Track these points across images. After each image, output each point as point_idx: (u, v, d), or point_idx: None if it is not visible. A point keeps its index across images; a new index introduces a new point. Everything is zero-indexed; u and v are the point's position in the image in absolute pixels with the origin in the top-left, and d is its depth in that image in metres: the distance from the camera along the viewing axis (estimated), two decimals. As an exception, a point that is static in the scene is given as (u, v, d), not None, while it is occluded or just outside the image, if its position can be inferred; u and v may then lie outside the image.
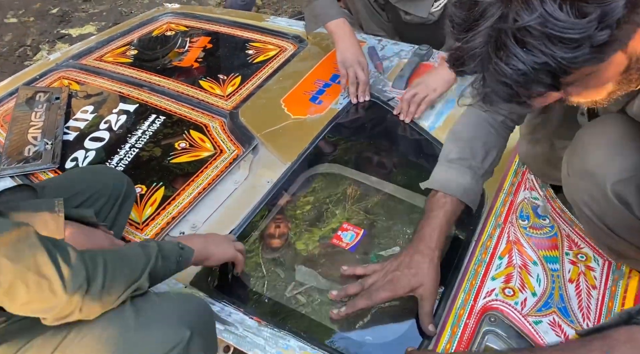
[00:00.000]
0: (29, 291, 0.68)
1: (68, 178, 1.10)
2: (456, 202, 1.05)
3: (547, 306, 0.99)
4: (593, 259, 1.09)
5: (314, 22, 1.56)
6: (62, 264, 0.70)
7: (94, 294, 0.73)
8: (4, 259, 0.66)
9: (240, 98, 1.56)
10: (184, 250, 0.91)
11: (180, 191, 1.25)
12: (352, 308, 0.98)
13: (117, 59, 1.78)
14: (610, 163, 0.90)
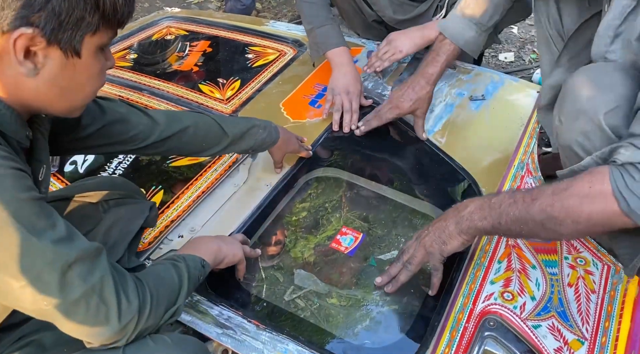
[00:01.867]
0: (87, 312, 0.67)
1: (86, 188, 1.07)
2: (459, 49, 1.35)
3: (546, 310, 0.99)
4: (592, 263, 1.09)
5: (315, 49, 1.55)
6: (122, 293, 0.70)
7: (142, 323, 0.73)
8: (76, 276, 0.66)
9: (240, 102, 1.56)
10: (204, 268, 0.91)
11: (179, 195, 1.25)
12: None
13: (117, 63, 1.78)
14: (600, 96, 0.92)
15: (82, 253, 0.67)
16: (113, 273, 0.70)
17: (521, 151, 1.36)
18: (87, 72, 0.69)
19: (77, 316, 0.67)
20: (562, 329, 0.96)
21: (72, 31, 0.63)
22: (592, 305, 1.01)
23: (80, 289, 0.66)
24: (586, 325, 0.97)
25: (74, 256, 0.66)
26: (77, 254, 0.66)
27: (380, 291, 1.07)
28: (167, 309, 0.78)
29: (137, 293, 0.73)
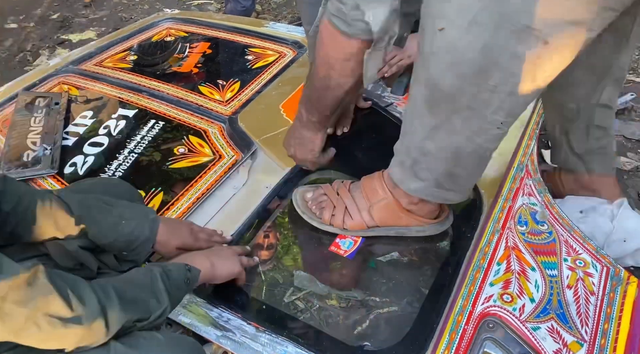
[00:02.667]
0: (40, 331, 0.68)
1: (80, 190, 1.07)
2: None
3: (545, 312, 0.99)
4: (591, 265, 1.09)
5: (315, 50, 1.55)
6: (73, 299, 0.71)
7: (114, 319, 0.73)
8: (13, 304, 0.66)
9: (240, 103, 1.56)
10: (191, 272, 0.91)
11: (179, 196, 1.25)
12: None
13: (117, 65, 1.78)
14: None
15: (13, 283, 0.67)
16: (57, 284, 0.70)
17: (520, 153, 1.36)
18: None
19: (32, 337, 0.69)
20: (561, 331, 0.96)
21: None
22: (591, 307, 1.01)
23: (21, 316, 0.67)
24: (585, 327, 0.97)
25: (5, 289, 0.66)
26: (8, 285, 0.66)
27: (380, 293, 1.07)
28: (146, 307, 0.78)
29: (95, 293, 0.73)
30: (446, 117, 0.92)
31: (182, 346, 0.80)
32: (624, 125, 1.86)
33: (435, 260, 1.15)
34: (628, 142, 1.81)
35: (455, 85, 0.87)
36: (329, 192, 1.20)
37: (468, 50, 0.82)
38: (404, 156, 1.05)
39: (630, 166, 1.70)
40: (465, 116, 0.90)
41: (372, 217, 1.15)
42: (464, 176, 1.03)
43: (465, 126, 0.92)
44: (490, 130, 0.92)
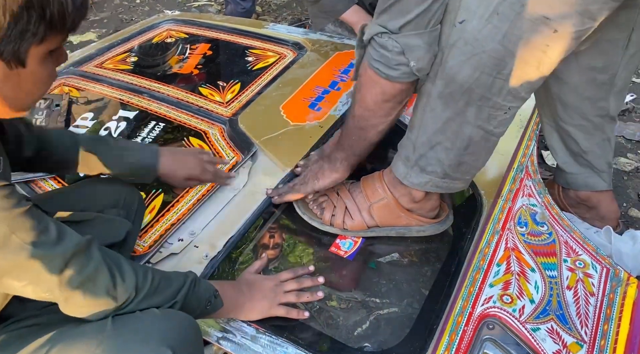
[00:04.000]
0: (84, 299, 0.73)
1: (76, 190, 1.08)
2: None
3: (545, 313, 0.99)
4: (591, 266, 1.09)
5: (323, 17, 1.56)
6: (117, 276, 0.75)
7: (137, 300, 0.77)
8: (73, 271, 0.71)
9: (240, 105, 1.56)
10: (216, 299, 0.90)
11: (179, 198, 1.25)
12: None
13: (117, 66, 1.79)
14: None
15: (75, 249, 0.72)
16: (106, 259, 0.75)
17: (520, 153, 1.36)
18: (34, 78, 0.66)
19: (75, 302, 0.73)
20: (561, 332, 0.96)
21: (15, 43, 0.60)
22: (591, 308, 1.01)
23: (76, 281, 0.72)
24: (585, 328, 0.97)
25: (70, 254, 0.71)
26: (72, 251, 0.71)
27: (380, 294, 1.07)
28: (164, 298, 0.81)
29: (134, 273, 0.77)
30: (460, 109, 0.96)
31: (176, 318, 0.80)
32: (623, 126, 1.86)
33: (435, 261, 1.15)
34: (628, 142, 1.81)
35: (473, 76, 0.91)
36: (329, 193, 1.20)
37: (488, 40, 0.88)
38: (410, 152, 1.06)
39: (630, 167, 1.70)
40: (479, 105, 0.95)
41: (372, 217, 1.16)
42: (472, 163, 1.06)
43: (478, 115, 0.97)
44: (499, 116, 0.97)
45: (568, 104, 1.23)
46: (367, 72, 0.98)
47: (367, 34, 0.95)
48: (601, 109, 1.23)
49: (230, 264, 1.13)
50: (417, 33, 0.90)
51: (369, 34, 0.94)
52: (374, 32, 0.93)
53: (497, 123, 0.98)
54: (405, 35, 0.90)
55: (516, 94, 0.95)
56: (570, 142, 1.30)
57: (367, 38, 0.95)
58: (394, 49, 0.91)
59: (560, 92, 1.21)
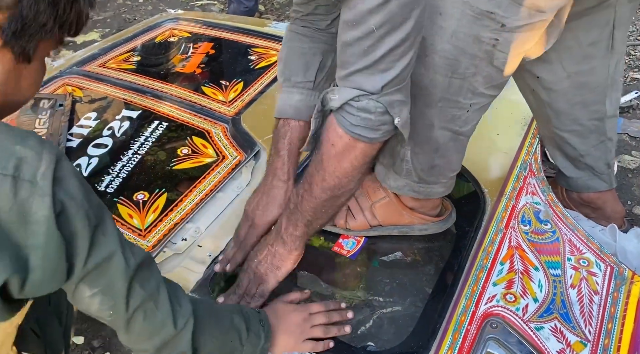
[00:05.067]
0: (145, 320, 0.70)
1: None
2: (296, 123, 1.08)
3: (548, 312, 0.99)
4: (595, 264, 1.08)
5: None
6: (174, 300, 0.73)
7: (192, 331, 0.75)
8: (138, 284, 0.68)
9: (243, 104, 1.56)
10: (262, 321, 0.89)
11: (182, 197, 1.25)
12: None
13: (120, 66, 1.79)
14: None
15: (142, 260, 0.69)
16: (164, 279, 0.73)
17: (524, 151, 1.36)
18: (32, 78, 0.66)
19: (135, 325, 0.70)
20: (564, 331, 0.96)
21: (31, 36, 0.60)
22: (595, 307, 1.01)
23: (140, 297, 0.68)
24: (589, 327, 0.97)
25: (137, 263, 0.68)
26: (139, 261, 0.68)
27: (383, 293, 1.07)
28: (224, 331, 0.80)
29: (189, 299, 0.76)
30: (420, 112, 0.94)
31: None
32: (628, 123, 1.86)
33: (439, 260, 1.15)
34: (632, 140, 1.80)
35: (427, 77, 0.90)
36: None
37: (437, 41, 0.87)
38: (381, 156, 1.06)
39: (634, 164, 1.70)
40: (440, 106, 0.94)
41: (374, 216, 1.15)
42: (445, 165, 1.04)
43: (440, 117, 0.95)
44: (463, 115, 0.96)
45: (560, 110, 1.23)
46: (343, 139, 0.86)
47: (337, 100, 0.84)
48: (596, 112, 1.23)
49: (234, 263, 1.13)
50: (398, 88, 0.83)
51: (341, 100, 0.83)
52: (349, 96, 0.82)
53: (462, 122, 0.97)
54: (386, 93, 0.82)
55: (475, 91, 0.93)
56: (567, 148, 1.30)
57: (339, 104, 0.84)
58: (376, 110, 0.82)
59: (551, 100, 1.21)
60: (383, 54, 0.78)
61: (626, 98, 1.93)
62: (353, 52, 0.80)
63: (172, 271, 1.09)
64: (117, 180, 1.32)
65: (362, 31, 0.76)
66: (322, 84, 1.08)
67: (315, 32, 1.08)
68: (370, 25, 0.75)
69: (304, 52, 1.08)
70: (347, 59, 0.81)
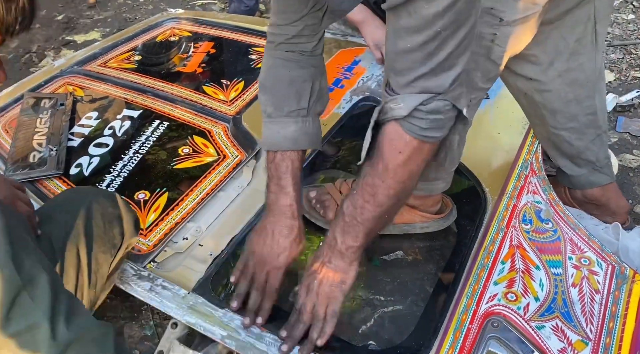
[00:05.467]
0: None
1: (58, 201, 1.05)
2: (295, 154, 1.03)
3: (549, 311, 0.99)
4: (596, 263, 1.08)
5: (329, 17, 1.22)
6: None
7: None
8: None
9: (244, 103, 1.56)
10: None
11: (183, 197, 1.26)
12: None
13: (121, 65, 1.79)
14: None
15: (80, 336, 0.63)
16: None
17: (525, 150, 1.36)
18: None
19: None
20: (566, 330, 0.96)
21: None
22: (596, 305, 1.01)
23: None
24: (590, 326, 0.97)
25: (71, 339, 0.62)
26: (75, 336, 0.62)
27: (384, 292, 1.07)
28: None
29: None
30: None
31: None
32: (629, 122, 1.85)
33: (440, 259, 1.15)
34: (634, 139, 1.80)
35: None
36: (332, 191, 1.20)
37: None
38: None
39: (636, 163, 1.69)
40: None
41: None
42: (447, 160, 1.04)
43: None
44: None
45: (555, 110, 1.23)
46: (411, 145, 0.84)
47: (404, 107, 0.81)
48: (589, 107, 1.24)
49: (235, 262, 1.13)
50: (461, 81, 0.82)
51: (409, 107, 0.80)
52: (417, 102, 0.80)
53: None
54: (452, 89, 0.81)
55: (475, 86, 0.95)
56: (565, 146, 1.30)
57: (408, 112, 0.81)
58: (445, 108, 0.82)
59: (545, 100, 1.22)
60: (448, 54, 0.76)
61: (627, 97, 1.93)
62: (415, 58, 0.77)
63: (173, 270, 1.09)
64: (118, 179, 1.32)
65: (427, 35, 0.74)
66: (314, 107, 1.05)
67: (301, 55, 1.03)
68: (436, 28, 0.73)
69: (293, 80, 1.02)
70: (408, 65, 0.79)
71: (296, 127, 1.02)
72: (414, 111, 0.81)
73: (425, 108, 0.80)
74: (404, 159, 0.85)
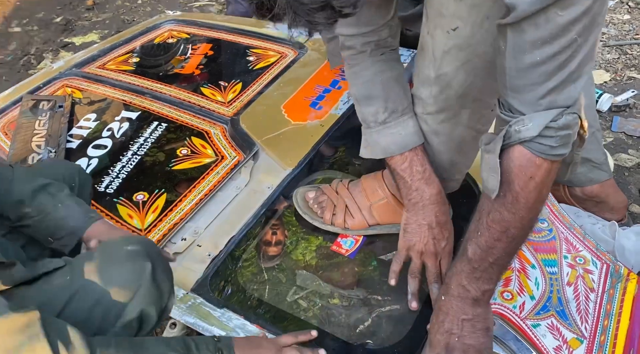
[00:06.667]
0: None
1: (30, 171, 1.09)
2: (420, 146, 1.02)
3: (545, 310, 1.00)
4: (591, 262, 1.09)
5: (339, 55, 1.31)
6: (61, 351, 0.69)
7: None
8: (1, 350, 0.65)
9: (241, 104, 1.57)
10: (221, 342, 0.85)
11: (182, 198, 1.26)
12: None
13: (120, 67, 1.80)
14: None
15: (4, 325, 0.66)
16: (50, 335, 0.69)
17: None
18: None
19: None
20: (561, 328, 0.97)
21: None
22: (591, 304, 1.02)
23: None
24: (585, 324, 0.98)
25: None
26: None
27: (382, 292, 1.08)
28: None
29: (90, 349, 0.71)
30: (455, 112, 0.96)
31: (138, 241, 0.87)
32: (624, 122, 1.86)
33: (436, 258, 1.15)
34: (629, 139, 1.81)
35: (468, 80, 0.91)
36: (329, 192, 1.21)
37: (481, 44, 0.86)
38: None
39: (631, 162, 1.70)
40: (473, 107, 0.95)
41: (372, 215, 1.16)
42: (464, 162, 1.06)
43: (471, 117, 0.97)
44: (487, 114, 0.97)
45: None
46: (542, 167, 0.78)
47: (533, 128, 0.75)
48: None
49: (233, 262, 1.14)
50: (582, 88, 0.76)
51: (539, 127, 0.75)
52: (547, 119, 0.74)
53: (485, 121, 0.99)
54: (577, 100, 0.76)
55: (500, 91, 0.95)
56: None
57: (537, 132, 0.75)
58: (574, 122, 0.76)
59: None
60: (579, 63, 0.71)
61: (622, 97, 1.94)
62: (543, 72, 0.72)
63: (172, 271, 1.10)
64: (117, 181, 1.33)
65: (561, 45, 0.69)
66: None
67: (392, 53, 1.05)
68: (571, 35, 0.68)
69: (398, 79, 1.04)
70: (534, 80, 0.74)
71: (413, 121, 1.02)
72: (545, 129, 0.75)
73: (556, 125, 0.75)
74: (536, 184, 0.79)
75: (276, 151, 1.38)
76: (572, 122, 0.75)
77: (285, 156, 1.36)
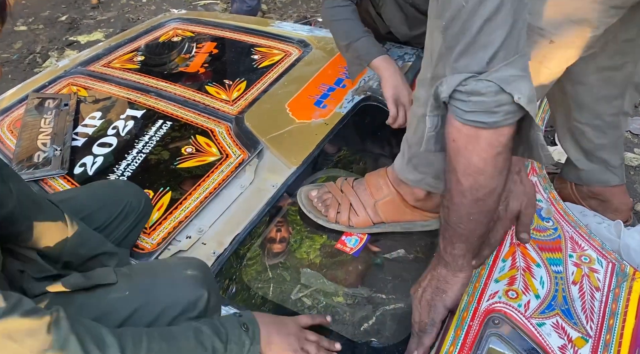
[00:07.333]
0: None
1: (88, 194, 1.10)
2: None
3: (550, 308, 1.00)
4: (597, 261, 1.09)
5: (358, 63, 1.52)
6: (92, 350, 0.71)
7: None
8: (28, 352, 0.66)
9: (246, 103, 1.57)
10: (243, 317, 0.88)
11: (186, 196, 1.27)
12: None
13: (125, 65, 1.80)
14: None
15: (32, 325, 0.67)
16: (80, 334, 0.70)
17: (526, 149, 1.36)
18: None
19: None
20: (566, 327, 0.97)
21: None
22: (596, 303, 1.01)
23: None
24: (590, 323, 0.98)
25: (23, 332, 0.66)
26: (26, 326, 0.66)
27: (386, 290, 1.08)
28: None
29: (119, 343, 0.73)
30: None
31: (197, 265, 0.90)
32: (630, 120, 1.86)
33: (441, 257, 1.15)
34: (635, 138, 1.81)
35: None
36: (333, 190, 1.21)
37: None
38: (405, 148, 1.07)
39: (636, 162, 1.70)
40: None
41: (377, 213, 1.16)
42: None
43: None
44: None
45: (583, 104, 1.22)
46: (462, 132, 0.80)
47: (445, 89, 0.78)
48: (616, 107, 1.23)
49: (238, 261, 1.14)
50: (508, 63, 0.76)
51: (448, 88, 0.78)
52: (456, 82, 0.77)
53: None
54: (495, 70, 0.75)
55: None
56: (584, 141, 1.30)
57: (448, 93, 0.78)
58: (488, 89, 0.76)
59: (576, 93, 1.21)
60: (480, 27, 0.73)
61: (629, 96, 1.94)
62: (452, 34, 0.76)
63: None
64: (122, 179, 1.33)
65: (454, 9, 0.74)
66: None
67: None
68: (460, 1, 0.73)
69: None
70: (449, 43, 0.78)
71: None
72: (455, 92, 0.77)
73: (464, 89, 0.76)
74: (459, 149, 0.81)
75: (281, 149, 1.39)
76: (483, 89, 0.75)
77: (289, 154, 1.36)
